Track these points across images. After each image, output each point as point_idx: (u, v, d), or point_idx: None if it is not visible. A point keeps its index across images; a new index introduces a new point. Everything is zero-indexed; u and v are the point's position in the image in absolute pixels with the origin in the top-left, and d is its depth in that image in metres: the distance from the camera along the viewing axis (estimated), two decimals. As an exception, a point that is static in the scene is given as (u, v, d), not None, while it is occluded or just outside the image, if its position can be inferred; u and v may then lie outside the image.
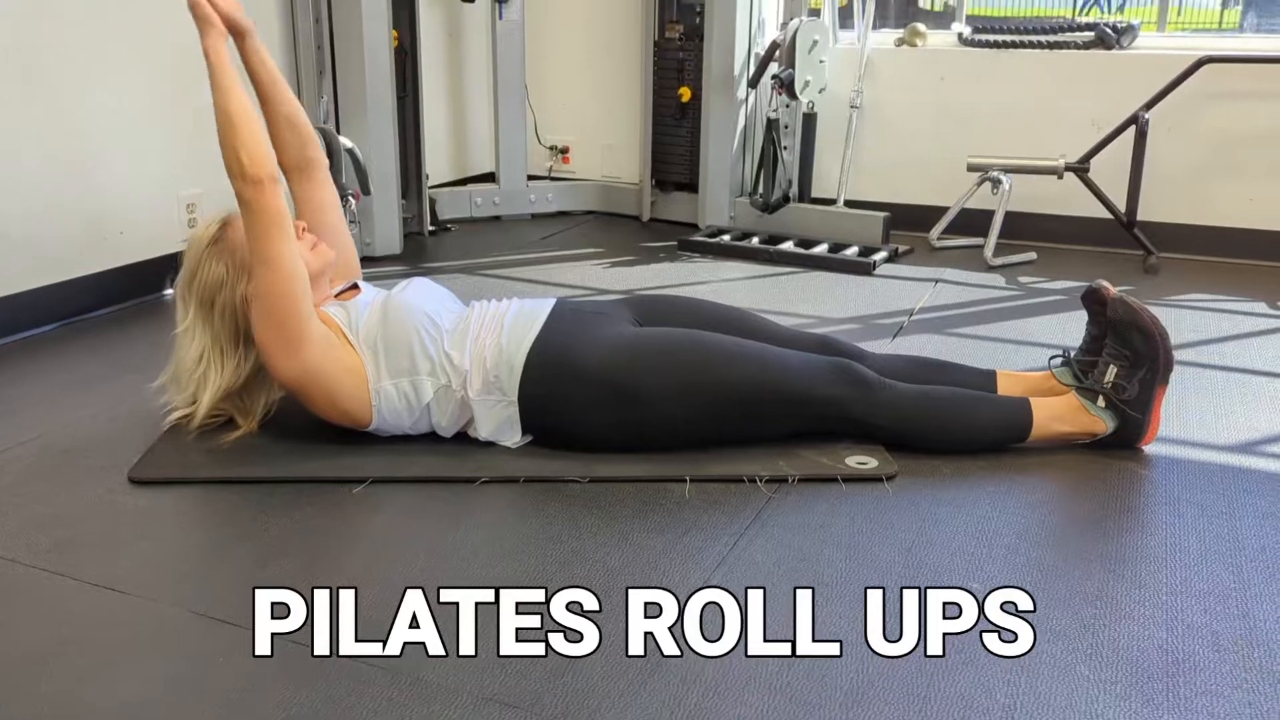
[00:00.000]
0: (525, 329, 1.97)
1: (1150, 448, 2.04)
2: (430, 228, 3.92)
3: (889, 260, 3.55)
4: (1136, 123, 3.42)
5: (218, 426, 2.06)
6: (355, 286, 2.16)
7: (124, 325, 2.86)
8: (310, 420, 2.06)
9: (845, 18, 4.04)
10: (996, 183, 3.58)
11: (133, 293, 3.04)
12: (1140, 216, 3.50)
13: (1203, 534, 1.74)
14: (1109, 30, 3.71)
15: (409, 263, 3.52)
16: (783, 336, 2.14)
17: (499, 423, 1.98)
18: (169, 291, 3.13)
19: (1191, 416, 2.22)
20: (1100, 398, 2.01)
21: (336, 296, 2.11)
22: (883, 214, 3.71)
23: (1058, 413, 2.02)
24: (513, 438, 2.00)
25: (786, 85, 3.69)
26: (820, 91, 3.81)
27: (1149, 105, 3.43)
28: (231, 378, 2.01)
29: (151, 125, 3.03)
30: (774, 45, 3.76)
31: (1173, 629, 1.47)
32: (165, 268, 3.11)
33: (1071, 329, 2.81)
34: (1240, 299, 3.12)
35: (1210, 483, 1.92)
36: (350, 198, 3.24)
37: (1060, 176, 3.54)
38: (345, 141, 3.24)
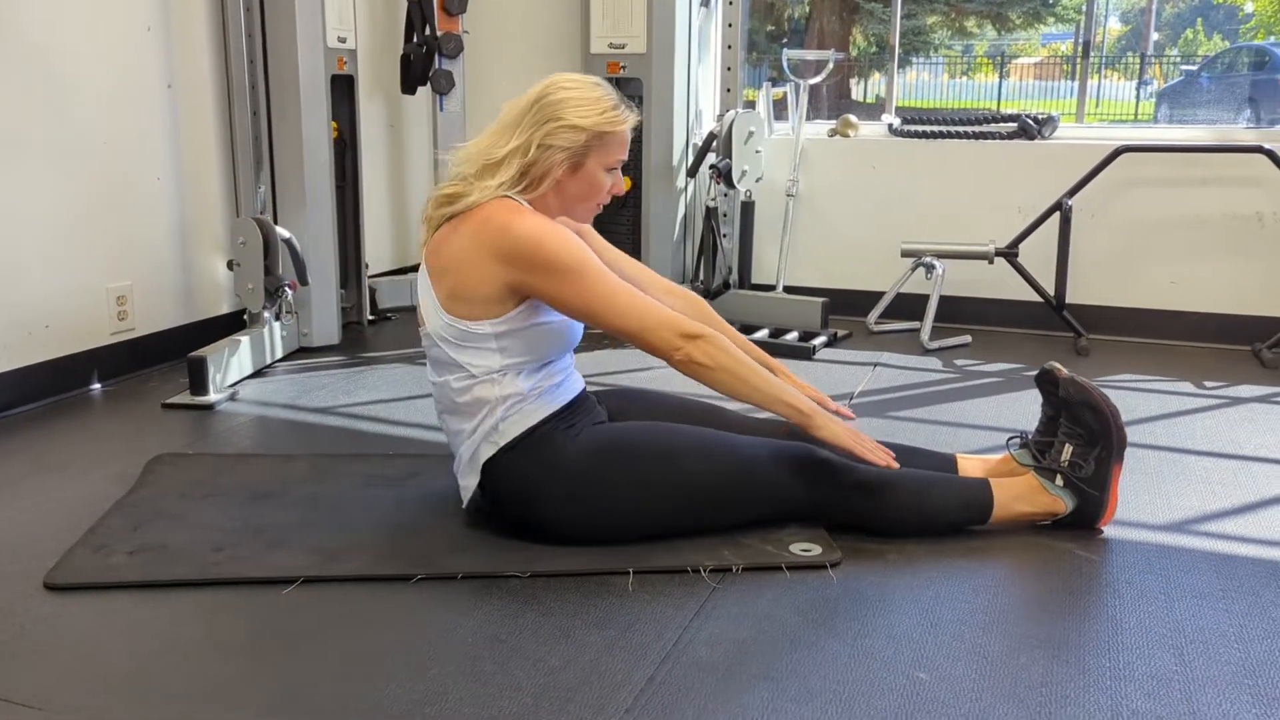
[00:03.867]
0: (549, 402, 1.94)
1: (1088, 530, 2.06)
2: (370, 317, 3.89)
3: (828, 344, 3.59)
4: (1060, 209, 3.54)
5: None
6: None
7: (46, 422, 2.77)
8: (239, 515, 1.99)
9: (780, 110, 4.15)
10: (930, 268, 3.66)
11: (57, 388, 2.95)
12: (1069, 299, 3.60)
13: (1142, 617, 1.74)
14: (1030, 121, 3.85)
15: (347, 353, 3.48)
16: (748, 425, 2.15)
17: (474, 455, 1.94)
18: (96, 387, 3.05)
19: (1126, 497, 2.24)
20: (1058, 476, 2.03)
21: None
22: (821, 299, 3.77)
23: (1018, 493, 2.03)
24: (472, 480, 1.96)
25: (724, 175, 3.76)
26: (757, 180, 3.89)
27: (1071, 192, 3.56)
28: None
29: (78, 218, 2.99)
30: (711, 136, 3.85)
31: (1117, 714, 1.46)
32: (92, 362, 3.04)
33: (1008, 411, 2.85)
34: (1168, 379, 3.20)
35: (1147, 564, 1.94)
36: (287, 288, 3.20)
37: (991, 261, 3.63)
38: (282, 232, 3.22)
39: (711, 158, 3.83)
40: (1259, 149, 3.44)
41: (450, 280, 1.88)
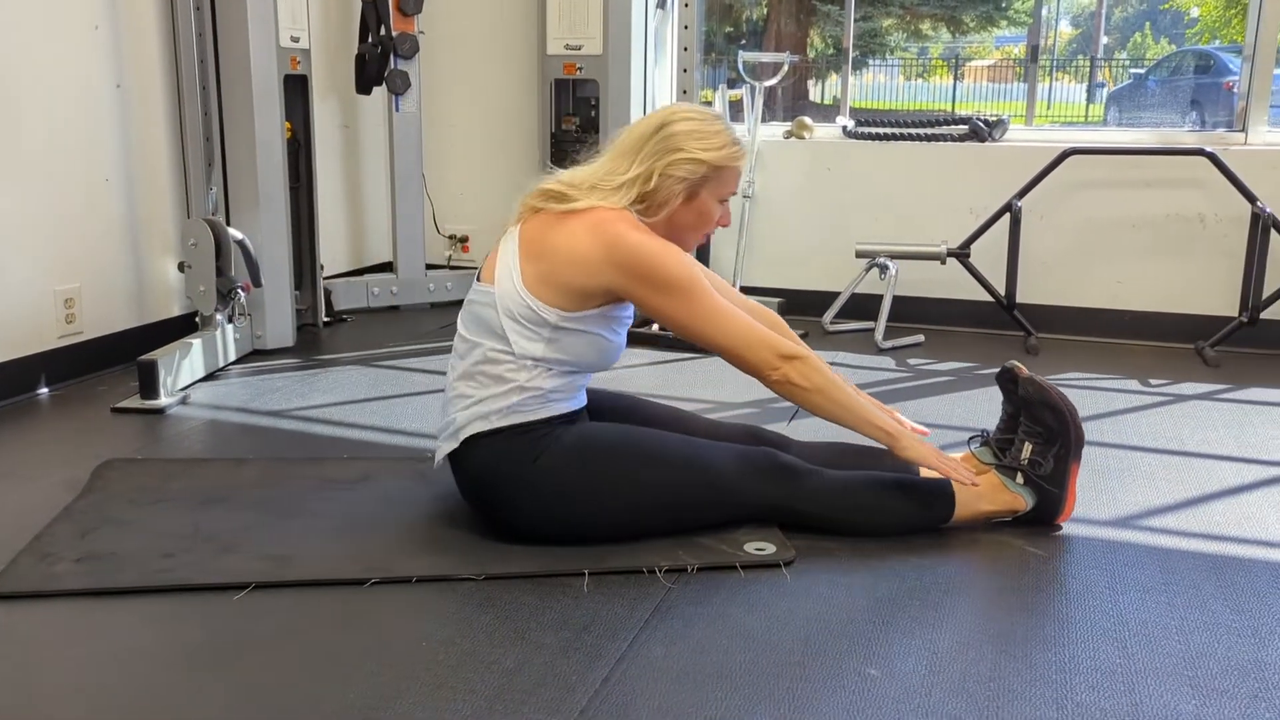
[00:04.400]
0: (554, 406, 1.97)
1: (1036, 526, 2.10)
2: (325, 319, 3.86)
3: (784, 345, 3.61)
4: (1010, 210, 3.59)
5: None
6: None
7: (-8, 426, 2.72)
8: (190, 521, 1.97)
9: (736, 111, 4.17)
10: (884, 268, 3.71)
11: (2, 393, 2.89)
12: (1019, 299, 3.66)
13: (1088, 611, 1.78)
14: (981, 124, 3.91)
15: (302, 355, 3.45)
16: (710, 428, 2.18)
17: (465, 421, 1.94)
18: (43, 391, 3.00)
19: (1074, 493, 2.29)
20: (1018, 474, 2.06)
21: None
22: (777, 299, 3.80)
23: (980, 492, 2.06)
24: (448, 446, 1.97)
25: (680, 176, 3.77)
26: (713, 182, 3.91)
27: (1021, 194, 3.62)
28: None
29: (25, 220, 2.93)
30: (667, 137, 3.86)
31: (1062, 708, 1.49)
32: (39, 366, 2.99)
33: (961, 409, 2.90)
34: (1114, 377, 3.27)
35: (1094, 559, 1.98)
36: (240, 290, 3.17)
37: (943, 262, 3.68)
38: (235, 233, 3.19)
39: (668, 159, 3.84)
40: (1201, 152, 3.53)
41: (546, 265, 1.89)
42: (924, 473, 2.19)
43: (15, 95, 2.87)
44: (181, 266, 3.23)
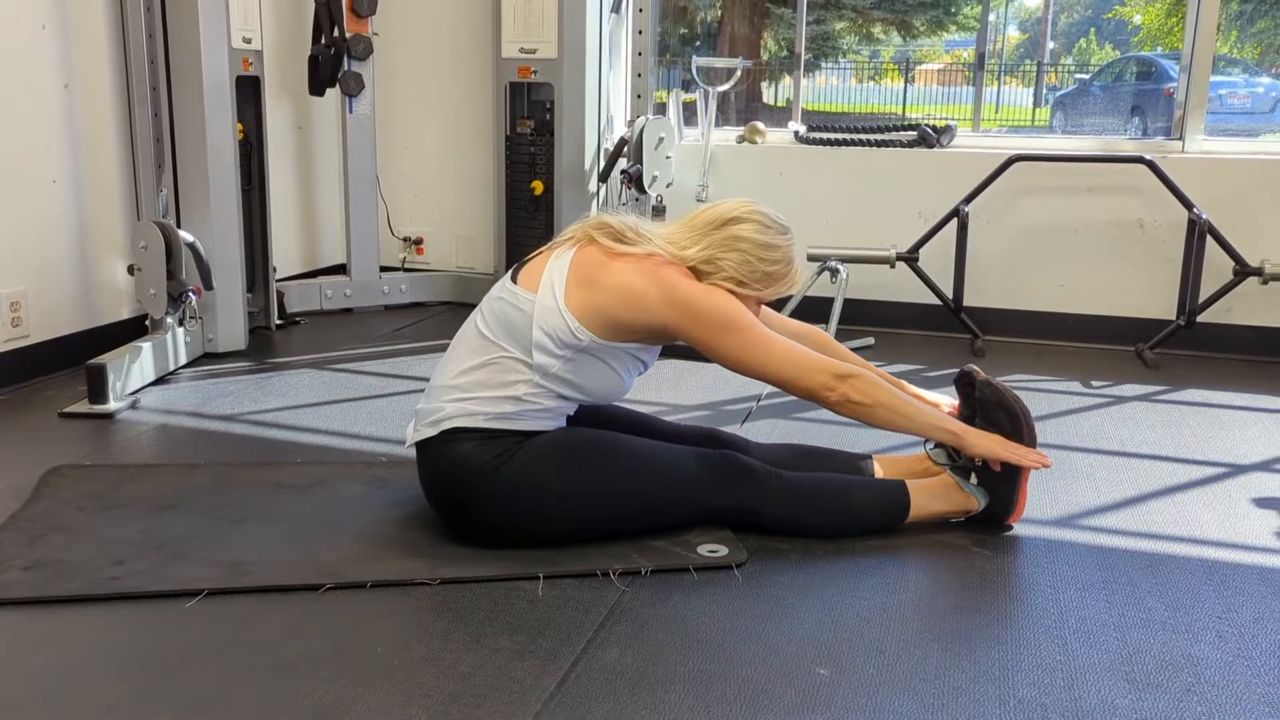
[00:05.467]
0: (545, 421, 2.01)
1: (981, 526, 2.15)
2: (278, 321, 3.83)
3: (737, 347, 3.65)
4: (958, 215, 3.67)
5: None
6: None
7: (-65, 432, 2.67)
8: (141, 527, 1.95)
9: (690, 115, 4.21)
10: (835, 272, 3.76)
11: (-54, 397, 2.84)
12: (966, 302, 3.73)
13: (1029, 608, 1.83)
14: (930, 130, 3.98)
15: (255, 358, 3.42)
16: (670, 431, 2.21)
17: (447, 416, 1.95)
18: (-12, 395, 2.95)
19: (1018, 493, 2.35)
20: (972, 475, 2.12)
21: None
22: (730, 302, 3.83)
23: (934, 492, 2.12)
24: (426, 432, 1.97)
25: (635, 180, 3.81)
26: (668, 186, 3.94)
27: (968, 199, 3.69)
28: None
29: (-29, 220, 2.88)
30: (622, 141, 3.89)
31: (1005, 704, 1.54)
32: (-16, 370, 2.94)
33: (908, 411, 2.95)
34: (1057, 379, 3.35)
35: (1036, 558, 2.03)
36: (190, 293, 3.14)
37: (893, 265, 3.75)
38: (185, 236, 3.15)
39: (623, 162, 3.87)
40: (1141, 159, 3.62)
41: (597, 294, 1.93)
42: (877, 472, 2.24)
43: (-42, 95, 2.82)
44: (131, 269, 3.19)
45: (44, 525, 2.05)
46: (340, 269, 4.39)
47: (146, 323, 3.29)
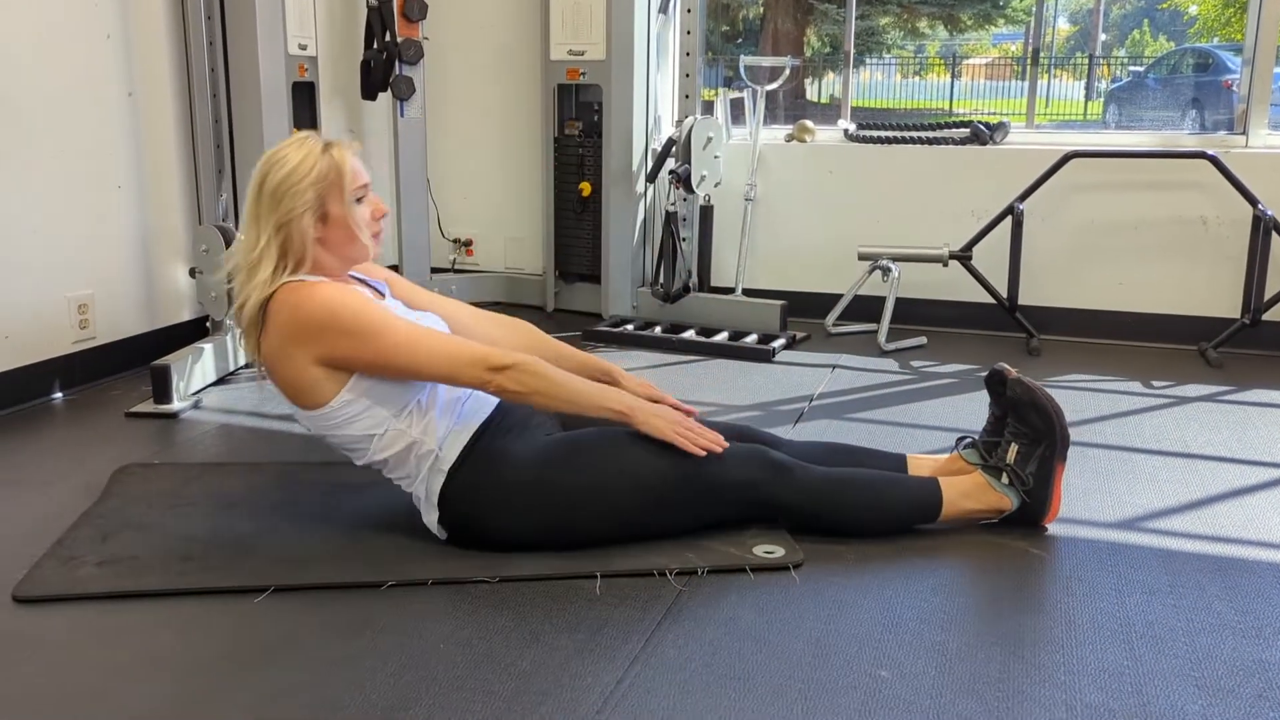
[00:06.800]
0: (473, 416, 1.99)
1: (1022, 525, 2.12)
2: (332, 322, 3.87)
3: (787, 347, 3.65)
4: (1012, 213, 3.62)
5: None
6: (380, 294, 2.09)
7: (7, 433, 2.74)
8: (208, 524, 1.99)
9: (736, 112, 4.20)
10: (886, 271, 3.73)
11: (17, 399, 2.92)
12: (1021, 301, 3.68)
13: (1094, 613, 1.81)
14: (983, 127, 3.94)
15: (310, 359, 3.47)
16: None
17: (426, 489, 1.97)
18: (58, 395, 3.03)
19: (1077, 495, 2.32)
20: (1004, 475, 2.09)
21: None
22: (779, 302, 3.82)
23: (965, 490, 2.09)
24: (431, 516, 1.98)
25: (683, 180, 3.81)
26: (716, 185, 3.94)
27: (1023, 196, 3.65)
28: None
29: (37, 227, 2.96)
30: (670, 142, 3.89)
31: (1071, 709, 1.52)
32: (53, 372, 3.02)
33: (963, 411, 2.92)
34: (1117, 379, 3.30)
35: (1099, 561, 2.01)
36: (249, 295, 3.19)
37: (945, 264, 3.71)
38: (244, 239, 3.21)
39: (671, 163, 3.87)
40: (1203, 155, 3.55)
41: (278, 379, 1.93)
42: (911, 470, 2.21)
43: (30, 104, 2.90)
44: (193, 272, 3.25)
45: (116, 522, 2.10)
46: (393, 270, 4.43)
47: (208, 324, 3.36)
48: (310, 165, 1.91)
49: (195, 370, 3.03)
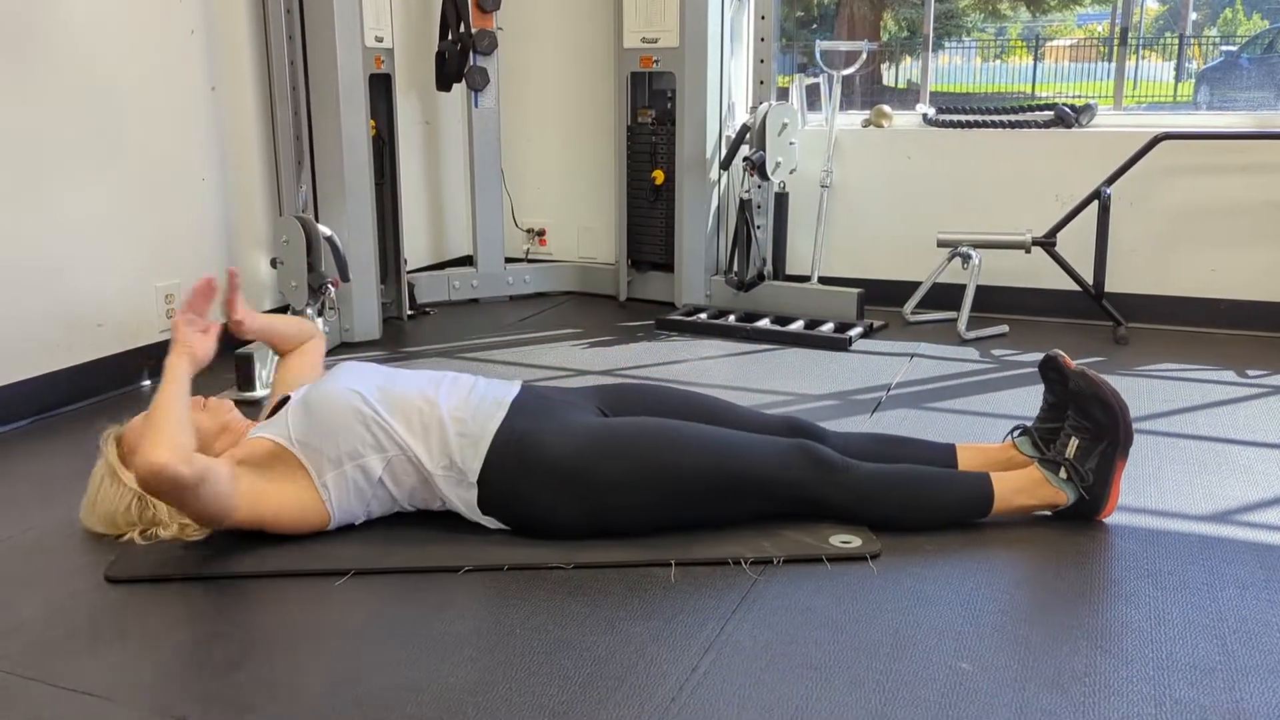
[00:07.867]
0: (491, 412, 1.98)
1: (1128, 519, 2.06)
2: (409, 312, 3.94)
3: (864, 335, 3.59)
4: (1099, 197, 3.51)
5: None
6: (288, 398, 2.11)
7: (98, 419, 2.83)
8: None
9: (812, 98, 4.14)
10: (966, 258, 3.65)
11: (109, 385, 3.03)
12: (1108, 288, 3.57)
13: (1184, 606, 1.74)
14: (1068, 110, 3.82)
15: (388, 347, 3.53)
16: (747, 420, 2.16)
17: (464, 502, 1.98)
18: (147, 383, 3.13)
19: (1167, 487, 2.24)
20: (1062, 469, 2.03)
21: (275, 410, 2.11)
22: (856, 290, 3.77)
23: (1020, 485, 2.04)
24: (475, 517, 2.00)
25: (758, 167, 3.77)
26: (791, 172, 3.89)
27: (1110, 180, 3.53)
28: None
29: (126, 219, 3.06)
30: (744, 128, 3.86)
31: (1160, 705, 1.47)
32: (143, 359, 3.11)
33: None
34: (1209, 368, 3.18)
35: (1189, 554, 1.94)
36: (329, 285, 3.26)
37: (1028, 251, 3.62)
38: (323, 229, 3.27)
39: (745, 150, 3.83)
40: (1301, 134, 3.40)
41: (269, 523, 1.95)
42: (961, 460, 2.15)
43: (118, 99, 2.99)
44: (274, 262, 3.33)
45: (201, 506, 2.16)
46: (467, 260, 4.49)
47: (288, 313, 3.43)
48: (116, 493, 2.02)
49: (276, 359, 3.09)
